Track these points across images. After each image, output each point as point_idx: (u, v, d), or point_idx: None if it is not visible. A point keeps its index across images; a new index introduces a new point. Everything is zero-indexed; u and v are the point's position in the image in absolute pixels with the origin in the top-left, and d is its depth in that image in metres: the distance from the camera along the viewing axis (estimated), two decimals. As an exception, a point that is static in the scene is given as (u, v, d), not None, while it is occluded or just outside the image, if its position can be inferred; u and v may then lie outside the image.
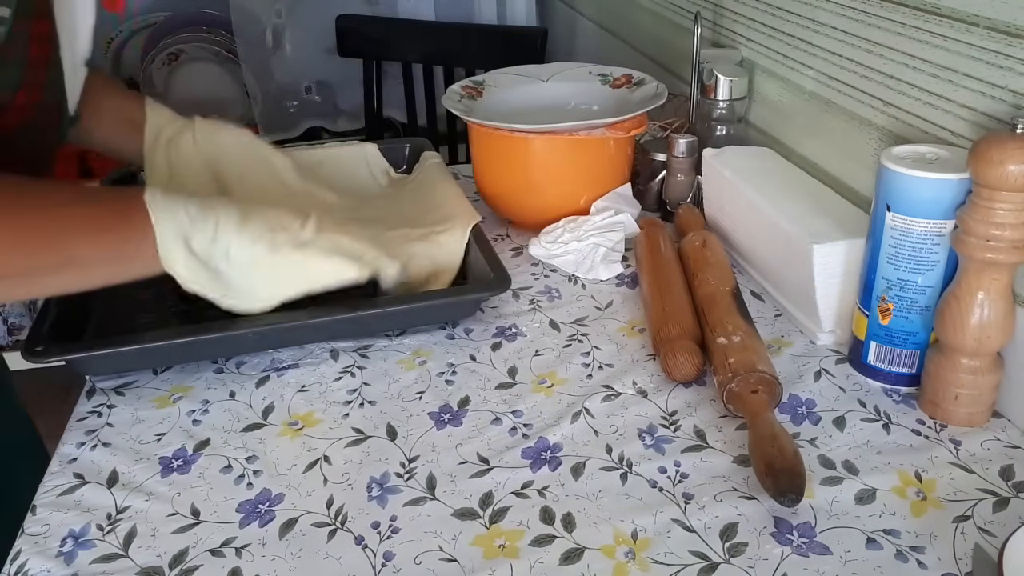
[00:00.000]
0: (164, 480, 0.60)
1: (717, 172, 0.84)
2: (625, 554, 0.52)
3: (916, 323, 0.64)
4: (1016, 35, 0.59)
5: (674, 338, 0.69)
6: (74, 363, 0.68)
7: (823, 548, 0.52)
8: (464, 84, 0.98)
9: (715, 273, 0.75)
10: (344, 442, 0.63)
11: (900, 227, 0.61)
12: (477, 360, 0.72)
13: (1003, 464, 0.59)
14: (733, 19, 0.99)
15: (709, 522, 0.55)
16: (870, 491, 0.57)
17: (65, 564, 0.53)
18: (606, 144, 0.88)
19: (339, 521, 0.56)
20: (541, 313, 0.79)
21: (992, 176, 0.54)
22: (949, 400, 0.61)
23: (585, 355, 0.72)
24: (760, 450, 0.56)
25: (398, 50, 1.74)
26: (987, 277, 0.58)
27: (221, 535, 0.55)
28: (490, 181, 0.93)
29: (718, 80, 0.91)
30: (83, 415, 0.67)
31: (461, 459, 0.61)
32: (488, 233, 0.94)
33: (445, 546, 0.54)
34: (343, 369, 0.71)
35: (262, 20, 1.85)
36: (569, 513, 0.56)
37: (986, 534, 0.53)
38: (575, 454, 0.61)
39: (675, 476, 0.59)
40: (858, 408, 0.65)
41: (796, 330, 0.75)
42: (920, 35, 0.68)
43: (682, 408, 0.65)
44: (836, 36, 0.79)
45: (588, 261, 0.85)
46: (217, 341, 0.69)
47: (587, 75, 1.00)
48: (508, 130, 0.86)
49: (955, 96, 0.65)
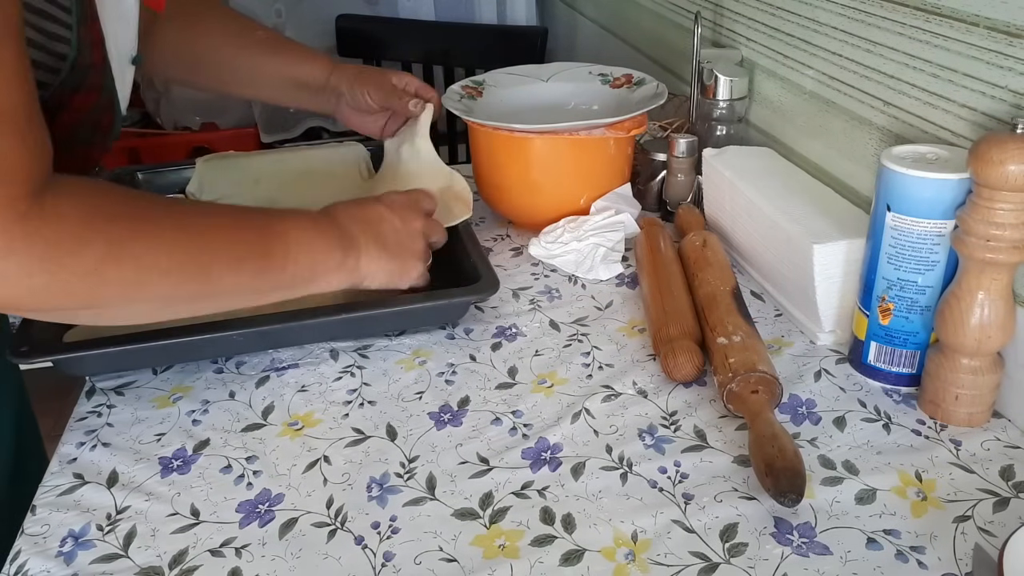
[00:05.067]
0: (164, 480, 0.60)
1: (717, 172, 0.84)
2: (625, 555, 0.52)
3: (916, 323, 0.63)
4: (1016, 35, 0.59)
5: (674, 338, 0.69)
6: (61, 364, 0.67)
7: (823, 548, 0.52)
8: (464, 84, 0.98)
9: (715, 273, 0.75)
10: (344, 442, 0.63)
11: (900, 227, 0.61)
12: (477, 360, 0.72)
13: (1003, 464, 0.59)
14: (733, 19, 0.99)
15: (709, 522, 0.55)
16: (870, 491, 0.57)
17: (65, 564, 0.53)
18: (606, 144, 0.88)
19: (339, 521, 0.56)
20: (541, 313, 0.79)
21: (992, 176, 0.54)
22: (949, 400, 0.61)
23: (585, 355, 0.72)
24: (760, 450, 0.56)
25: (398, 50, 1.75)
26: (987, 277, 0.57)
27: (221, 535, 0.55)
28: (490, 181, 0.93)
29: (718, 80, 0.91)
30: (83, 415, 0.67)
31: (461, 459, 0.61)
32: (488, 233, 0.94)
33: (445, 546, 0.54)
34: (343, 369, 0.71)
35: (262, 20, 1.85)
36: (569, 513, 0.56)
37: (986, 534, 0.53)
38: (575, 454, 0.61)
39: (675, 476, 0.59)
40: (858, 408, 0.65)
41: (796, 330, 0.75)
42: (920, 35, 0.68)
43: (682, 408, 0.65)
44: (836, 36, 0.79)
45: (588, 261, 0.85)
46: (217, 341, 0.69)
47: (587, 75, 1.00)
48: (508, 130, 0.86)
49: (955, 96, 0.65)
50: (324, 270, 0.65)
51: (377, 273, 0.69)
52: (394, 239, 0.70)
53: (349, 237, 0.67)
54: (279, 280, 0.63)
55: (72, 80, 0.58)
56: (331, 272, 0.66)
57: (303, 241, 0.63)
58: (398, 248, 0.70)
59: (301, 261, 0.63)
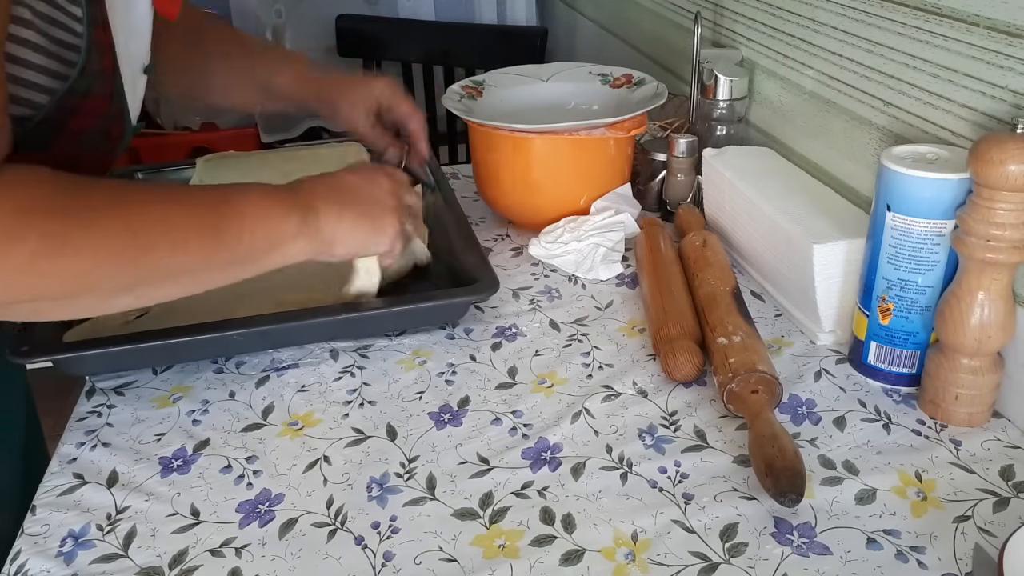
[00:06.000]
0: (164, 480, 0.60)
1: (717, 172, 0.84)
2: (625, 555, 0.52)
3: (916, 323, 0.63)
4: (1016, 35, 0.59)
5: (674, 338, 0.69)
6: (61, 364, 0.67)
7: (823, 548, 0.52)
8: (464, 84, 0.98)
9: (715, 273, 0.75)
10: (344, 442, 0.63)
11: (900, 227, 0.61)
12: (477, 360, 0.72)
13: (1003, 464, 0.59)
14: (733, 19, 0.99)
15: (709, 522, 0.55)
16: (870, 491, 0.57)
17: (65, 564, 0.53)
18: (606, 144, 0.88)
19: (339, 521, 0.56)
20: (541, 313, 0.79)
21: (992, 176, 0.54)
22: (949, 400, 0.61)
23: (585, 355, 0.72)
24: (760, 450, 0.56)
25: (398, 50, 1.75)
26: (987, 277, 0.57)
27: (221, 535, 0.55)
28: (490, 181, 0.93)
29: (718, 80, 0.91)
30: (83, 415, 0.67)
31: (461, 459, 0.61)
32: (488, 233, 0.94)
33: (445, 546, 0.54)
34: (343, 369, 0.71)
35: (262, 20, 1.85)
36: (569, 513, 0.56)
37: (986, 534, 0.53)
38: (575, 454, 0.61)
39: (675, 476, 0.59)
40: (858, 408, 0.65)
41: (796, 330, 0.75)
42: (920, 35, 0.68)
43: (682, 408, 0.65)
44: (836, 36, 0.79)
45: (588, 261, 0.85)
46: (217, 341, 0.69)
47: (587, 75, 1.00)
48: (508, 130, 0.86)
49: (955, 96, 0.65)
50: (281, 239, 0.62)
51: (345, 236, 0.65)
52: (357, 197, 0.67)
53: (306, 200, 0.64)
54: (234, 255, 0.59)
55: (81, 85, 0.57)
56: (289, 241, 0.62)
57: (257, 212, 0.60)
58: (366, 204, 0.67)
59: (257, 232, 0.60)
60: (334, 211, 0.65)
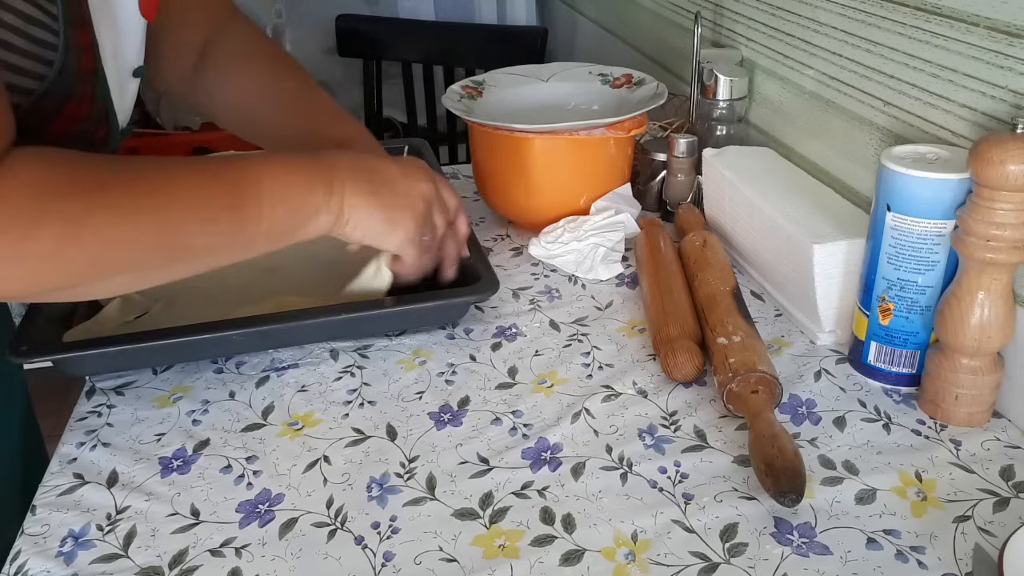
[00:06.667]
0: (164, 480, 0.60)
1: (717, 172, 0.84)
2: (625, 555, 0.52)
3: (916, 323, 0.63)
4: (1016, 35, 0.59)
5: (674, 338, 0.69)
6: (61, 364, 0.67)
7: (823, 548, 0.52)
8: (464, 84, 0.98)
9: (715, 273, 0.75)
10: (344, 442, 0.63)
11: (900, 227, 0.61)
12: (477, 360, 0.72)
13: (1003, 464, 0.59)
14: (733, 19, 0.99)
15: (709, 522, 0.55)
16: (870, 491, 0.57)
17: (65, 564, 0.53)
18: (606, 144, 0.88)
19: (339, 521, 0.56)
20: (541, 313, 0.79)
21: (992, 176, 0.54)
22: (949, 400, 0.61)
23: (585, 355, 0.72)
24: (760, 450, 0.56)
25: (398, 50, 1.75)
26: (987, 277, 0.57)
27: (221, 535, 0.55)
28: (490, 181, 0.93)
29: (718, 80, 0.91)
30: (83, 415, 0.67)
31: (461, 459, 0.61)
32: (488, 233, 0.94)
33: (445, 546, 0.54)
34: (343, 369, 0.71)
35: (262, 20, 1.85)
36: (569, 514, 0.56)
37: (986, 534, 0.53)
38: (575, 454, 0.61)
39: (675, 476, 0.59)
40: (858, 408, 0.65)
41: (796, 330, 0.75)
42: (920, 35, 0.68)
43: (682, 408, 0.65)
44: (836, 36, 0.79)
45: (588, 261, 0.85)
46: (217, 341, 0.69)
47: (587, 75, 1.00)
48: (508, 130, 0.86)
49: (955, 96, 0.65)
50: (307, 214, 0.60)
51: (362, 221, 0.63)
52: (388, 188, 0.64)
53: (333, 173, 0.61)
54: (256, 232, 0.58)
55: (60, 85, 0.55)
56: (312, 217, 0.61)
57: (276, 187, 0.59)
58: (391, 197, 0.64)
59: (277, 208, 0.59)
60: (361, 192, 0.63)
